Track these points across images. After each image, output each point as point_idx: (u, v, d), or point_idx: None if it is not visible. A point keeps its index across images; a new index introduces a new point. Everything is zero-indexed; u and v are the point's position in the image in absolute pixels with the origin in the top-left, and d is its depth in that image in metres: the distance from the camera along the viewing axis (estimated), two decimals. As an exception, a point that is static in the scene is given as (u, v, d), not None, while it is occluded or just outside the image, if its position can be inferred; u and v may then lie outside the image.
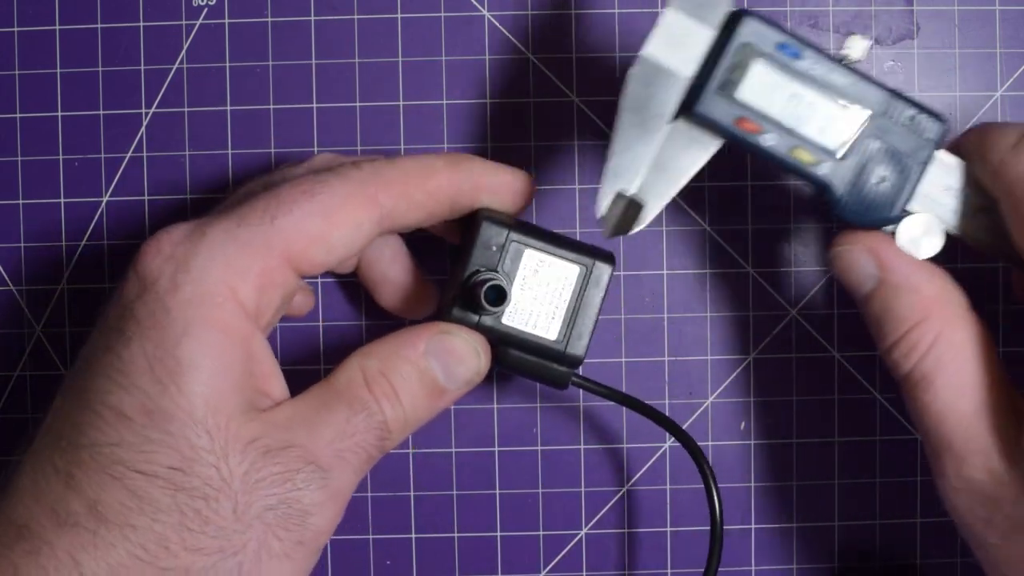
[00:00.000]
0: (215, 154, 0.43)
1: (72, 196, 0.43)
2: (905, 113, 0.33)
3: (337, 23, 0.43)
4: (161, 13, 0.43)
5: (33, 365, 0.43)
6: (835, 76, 0.33)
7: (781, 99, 0.33)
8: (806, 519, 0.43)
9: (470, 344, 0.35)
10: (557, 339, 0.36)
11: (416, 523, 0.43)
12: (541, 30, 0.43)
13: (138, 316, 0.32)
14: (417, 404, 0.34)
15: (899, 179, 0.33)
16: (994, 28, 0.43)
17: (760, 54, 0.32)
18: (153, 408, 0.31)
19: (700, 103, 0.33)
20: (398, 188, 0.35)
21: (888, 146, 0.33)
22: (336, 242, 0.34)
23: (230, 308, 0.32)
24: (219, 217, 0.33)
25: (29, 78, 0.43)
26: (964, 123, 0.43)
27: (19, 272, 0.43)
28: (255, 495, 0.31)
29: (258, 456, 0.31)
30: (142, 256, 0.33)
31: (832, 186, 0.33)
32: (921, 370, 0.33)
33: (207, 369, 0.31)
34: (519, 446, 0.43)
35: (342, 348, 0.42)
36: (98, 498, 0.30)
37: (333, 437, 0.33)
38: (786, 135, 0.33)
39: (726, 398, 0.43)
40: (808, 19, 0.43)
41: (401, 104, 0.43)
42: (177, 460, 0.31)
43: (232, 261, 0.32)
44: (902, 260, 0.33)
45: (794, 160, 0.33)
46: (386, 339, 0.35)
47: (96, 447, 0.31)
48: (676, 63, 0.33)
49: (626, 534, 0.43)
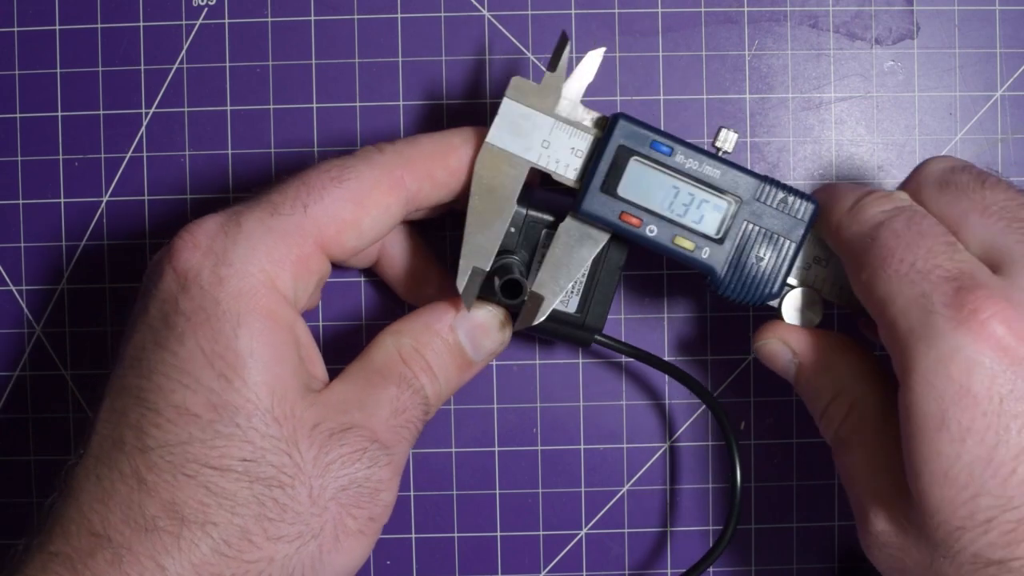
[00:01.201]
0: (215, 154, 0.43)
1: (72, 196, 0.43)
2: (776, 196, 0.35)
3: (337, 23, 0.43)
4: (161, 13, 0.43)
5: (33, 365, 0.43)
6: (707, 168, 0.35)
7: (659, 193, 0.35)
8: (806, 519, 0.43)
9: (495, 317, 0.36)
10: (576, 312, 0.37)
11: (416, 523, 0.43)
12: (541, 30, 0.43)
13: (186, 311, 0.32)
14: (450, 376, 0.36)
15: (777, 257, 0.35)
16: (994, 28, 0.43)
17: (635, 153, 0.35)
18: (219, 403, 0.31)
19: (585, 202, 0.35)
20: (422, 169, 0.35)
21: (763, 228, 0.35)
22: (367, 226, 0.34)
23: (274, 297, 0.33)
24: (251, 207, 0.33)
25: (29, 78, 0.43)
26: (964, 123, 0.43)
27: (19, 272, 0.43)
28: (327, 477, 0.32)
29: (325, 439, 0.32)
30: (178, 251, 0.32)
31: (714, 269, 0.36)
32: (839, 437, 0.35)
33: (266, 359, 0.32)
34: (519, 446, 0.43)
35: (340, 346, 0.43)
36: (174, 499, 0.30)
37: (388, 415, 0.34)
38: (666, 225, 0.35)
39: (726, 398, 0.43)
40: (808, 19, 0.43)
41: (401, 104, 0.43)
42: (249, 451, 0.31)
43: (270, 251, 0.33)
44: (812, 344, 0.36)
45: (676, 248, 0.35)
46: (415, 315, 0.36)
47: (166, 447, 0.31)
48: (518, 148, 0.35)
49: (626, 534, 0.43)
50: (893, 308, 0.32)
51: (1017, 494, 0.29)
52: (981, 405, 0.30)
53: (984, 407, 0.29)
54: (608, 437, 0.43)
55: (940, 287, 0.31)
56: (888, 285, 0.32)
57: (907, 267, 0.32)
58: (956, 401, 0.30)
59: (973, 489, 0.30)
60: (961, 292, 0.30)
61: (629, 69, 0.43)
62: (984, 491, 0.29)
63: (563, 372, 0.43)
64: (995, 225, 0.33)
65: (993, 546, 0.30)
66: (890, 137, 0.43)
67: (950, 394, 0.30)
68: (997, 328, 0.30)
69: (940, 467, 0.30)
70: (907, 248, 0.32)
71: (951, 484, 0.30)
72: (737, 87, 0.43)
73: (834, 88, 0.43)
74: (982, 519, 0.30)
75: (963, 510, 0.30)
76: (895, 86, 0.43)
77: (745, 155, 0.43)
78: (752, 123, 0.43)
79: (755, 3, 0.43)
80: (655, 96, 0.43)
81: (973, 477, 0.30)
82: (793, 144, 0.43)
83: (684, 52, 0.43)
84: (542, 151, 0.36)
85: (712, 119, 0.43)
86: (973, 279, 0.31)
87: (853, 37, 0.43)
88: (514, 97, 0.35)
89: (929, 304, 0.31)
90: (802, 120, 0.43)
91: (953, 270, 0.31)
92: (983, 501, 0.30)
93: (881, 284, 0.32)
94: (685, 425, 0.43)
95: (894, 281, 0.32)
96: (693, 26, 0.43)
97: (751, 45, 0.43)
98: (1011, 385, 0.29)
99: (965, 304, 0.30)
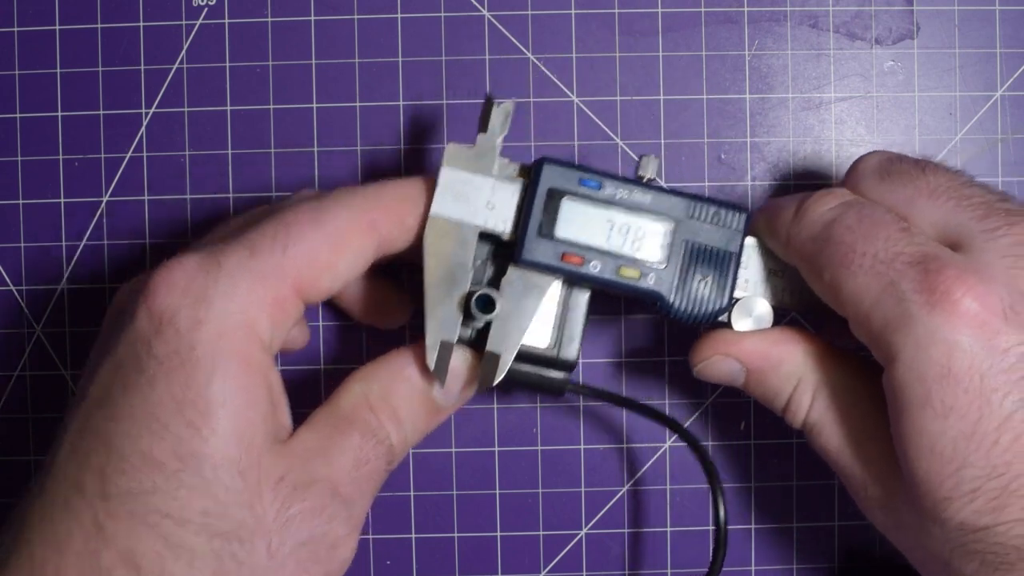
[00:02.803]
0: (215, 154, 0.43)
1: (72, 196, 0.43)
2: (709, 212, 0.35)
3: (337, 23, 0.43)
4: (161, 13, 0.43)
5: (33, 365, 0.43)
6: (637, 195, 0.35)
7: (596, 228, 0.35)
8: (806, 519, 0.43)
9: (464, 361, 0.36)
10: (549, 345, 0.36)
11: (416, 523, 0.43)
12: (541, 30, 0.43)
13: (159, 354, 0.31)
14: (418, 423, 0.35)
15: (719, 272, 0.35)
16: (994, 28, 0.43)
17: (566, 192, 0.35)
18: (185, 452, 0.30)
19: (525, 250, 0.35)
20: (394, 213, 0.35)
21: (702, 245, 0.35)
22: (342, 269, 0.34)
23: (252, 341, 0.32)
24: (230, 246, 0.32)
25: (29, 78, 0.43)
26: (964, 123, 0.43)
27: (19, 272, 0.43)
28: (287, 533, 0.31)
29: (288, 493, 0.31)
30: (153, 290, 0.31)
31: (662, 295, 0.35)
32: (810, 422, 0.35)
33: (237, 406, 0.31)
34: (519, 446, 0.43)
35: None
36: (132, 549, 0.30)
37: (350, 466, 0.33)
38: (609, 259, 0.35)
39: (726, 398, 0.43)
40: (808, 19, 0.43)
41: (401, 104, 0.43)
42: (212, 504, 0.30)
43: (250, 293, 0.32)
44: (754, 347, 0.36)
45: (622, 280, 0.35)
46: (383, 360, 0.35)
47: (128, 495, 0.30)
48: (463, 214, 0.35)
49: (626, 534, 0.43)
50: (865, 303, 0.32)
51: (1000, 463, 0.30)
52: (963, 383, 0.30)
53: (966, 384, 0.30)
54: (608, 437, 0.43)
55: (907, 273, 0.31)
56: (854, 281, 0.32)
57: (869, 260, 0.32)
58: (938, 381, 0.30)
59: (958, 462, 0.30)
60: (929, 275, 0.31)
61: (629, 69, 0.43)
62: (968, 463, 0.30)
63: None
64: (945, 205, 0.33)
65: (979, 513, 0.30)
66: (890, 137, 0.43)
67: (932, 375, 0.30)
68: (971, 306, 0.30)
69: (926, 443, 0.31)
70: (864, 241, 0.32)
71: (937, 458, 0.31)
72: (737, 87, 0.43)
73: (834, 88, 0.43)
74: (968, 489, 0.30)
75: (950, 482, 0.30)
76: (895, 86, 0.43)
77: (745, 155, 0.43)
78: (752, 123, 0.43)
79: (755, 3, 0.43)
80: (655, 96, 0.43)
81: (958, 451, 0.30)
82: (793, 144, 0.43)
83: (684, 52, 0.43)
84: (488, 213, 0.35)
85: (712, 119, 0.43)
86: (938, 260, 0.31)
87: (853, 37, 0.43)
88: (451, 164, 0.35)
89: (900, 292, 0.31)
90: (802, 120, 0.43)
91: (916, 254, 0.32)
92: (968, 472, 0.30)
93: (847, 282, 0.32)
94: (685, 425, 0.43)
95: (859, 276, 0.32)
96: (693, 26, 0.43)
97: (751, 45, 0.43)
98: (990, 360, 0.30)
99: (936, 287, 0.31)
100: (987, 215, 0.32)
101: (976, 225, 0.32)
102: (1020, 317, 0.30)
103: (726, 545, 0.37)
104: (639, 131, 0.43)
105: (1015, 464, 0.30)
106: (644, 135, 0.43)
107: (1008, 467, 0.30)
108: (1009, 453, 0.30)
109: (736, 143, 0.43)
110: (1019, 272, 0.31)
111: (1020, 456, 0.30)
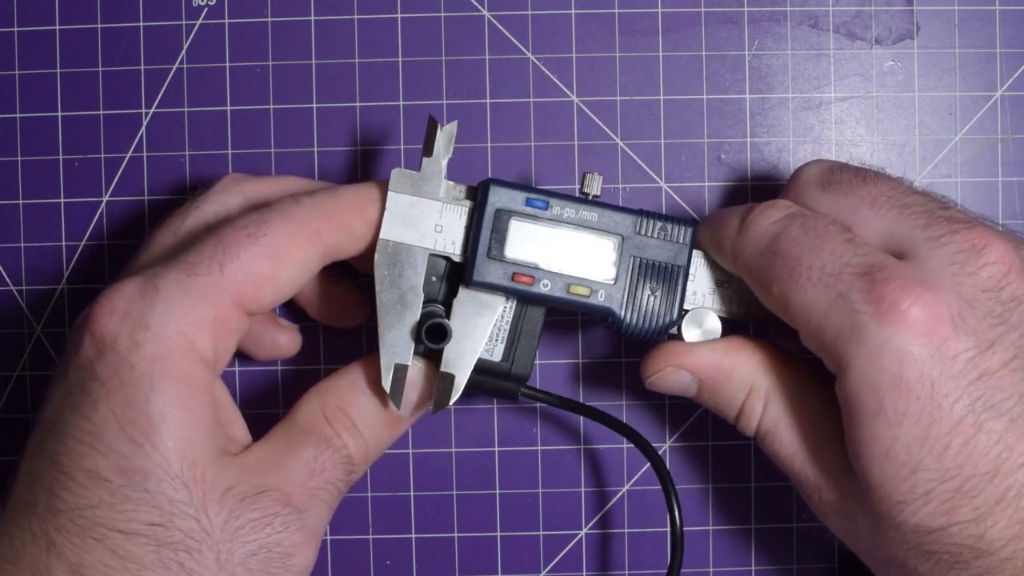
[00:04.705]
0: (215, 154, 0.43)
1: (72, 196, 0.43)
2: (655, 227, 0.36)
3: (337, 23, 0.43)
4: (161, 13, 0.43)
5: (33, 365, 0.43)
6: (584, 213, 0.36)
7: (544, 247, 0.35)
8: (806, 519, 0.43)
9: (420, 371, 0.36)
10: (502, 360, 0.37)
11: (416, 523, 0.43)
12: (541, 30, 0.43)
13: (101, 377, 0.32)
14: (377, 434, 0.36)
15: (668, 286, 0.36)
16: (994, 28, 0.43)
17: (514, 213, 0.35)
18: (129, 468, 0.31)
19: (476, 272, 0.35)
20: (340, 221, 0.35)
21: (650, 259, 0.36)
22: (284, 280, 0.34)
23: (191, 360, 0.32)
24: (168, 268, 0.33)
25: (29, 78, 0.43)
26: (964, 123, 0.43)
27: (19, 272, 0.43)
28: (236, 543, 0.32)
29: (236, 503, 0.32)
30: (95, 316, 0.33)
31: (613, 311, 0.36)
32: (763, 429, 0.36)
33: (178, 423, 0.32)
34: (519, 446, 0.43)
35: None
36: (81, 561, 0.31)
37: (304, 476, 0.34)
38: (559, 277, 0.36)
39: (726, 398, 0.43)
40: (808, 19, 0.43)
41: (401, 104, 0.43)
42: (157, 516, 0.31)
43: (188, 313, 0.33)
44: (705, 357, 0.36)
45: (573, 297, 0.36)
46: (340, 373, 0.36)
47: (76, 511, 0.31)
48: (412, 238, 0.35)
49: (626, 534, 0.43)
50: (815, 316, 0.32)
51: (952, 466, 0.31)
52: (914, 390, 0.31)
53: (917, 391, 0.31)
54: (608, 437, 0.43)
55: (855, 285, 0.32)
56: (804, 294, 0.33)
57: (817, 272, 0.32)
58: (891, 389, 0.31)
59: (911, 466, 0.31)
60: (877, 285, 0.31)
61: (629, 69, 0.43)
62: (922, 467, 0.31)
63: (563, 372, 0.43)
64: (888, 214, 0.33)
65: (933, 515, 0.31)
66: (890, 137, 0.43)
67: (884, 383, 0.31)
68: (919, 314, 0.31)
69: (880, 449, 0.31)
70: (811, 253, 0.33)
71: (891, 463, 0.31)
72: (737, 87, 0.43)
73: (834, 88, 0.43)
74: (921, 492, 0.31)
75: (904, 485, 0.31)
76: (895, 86, 0.43)
77: (745, 155, 0.43)
78: (752, 123, 0.43)
79: (755, 3, 0.43)
80: (655, 96, 0.43)
81: (911, 455, 0.31)
82: (793, 144, 0.43)
83: (684, 52, 0.43)
84: (437, 236, 0.35)
85: (712, 119, 0.43)
86: (884, 270, 0.32)
87: (853, 37, 0.43)
88: (398, 189, 0.35)
89: (849, 304, 0.32)
90: (802, 120, 0.43)
91: (863, 265, 0.32)
92: (922, 476, 0.31)
93: (796, 295, 0.33)
94: (685, 425, 0.43)
95: (808, 289, 0.33)
96: (693, 26, 0.43)
97: (751, 45, 0.43)
98: (940, 367, 0.31)
99: (884, 297, 0.31)
100: (930, 223, 0.33)
101: (920, 233, 0.32)
102: (967, 324, 0.31)
103: (683, 547, 0.38)
104: (639, 131, 0.43)
105: (966, 467, 0.31)
106: (644, 135, 0.43)
107: (960, 470, 0.31)
108: (960, 456, 0.31)
109: (736, 143, 0.43)
110: (964, 279, 0.31)
111: (971, 459, 0.31)
